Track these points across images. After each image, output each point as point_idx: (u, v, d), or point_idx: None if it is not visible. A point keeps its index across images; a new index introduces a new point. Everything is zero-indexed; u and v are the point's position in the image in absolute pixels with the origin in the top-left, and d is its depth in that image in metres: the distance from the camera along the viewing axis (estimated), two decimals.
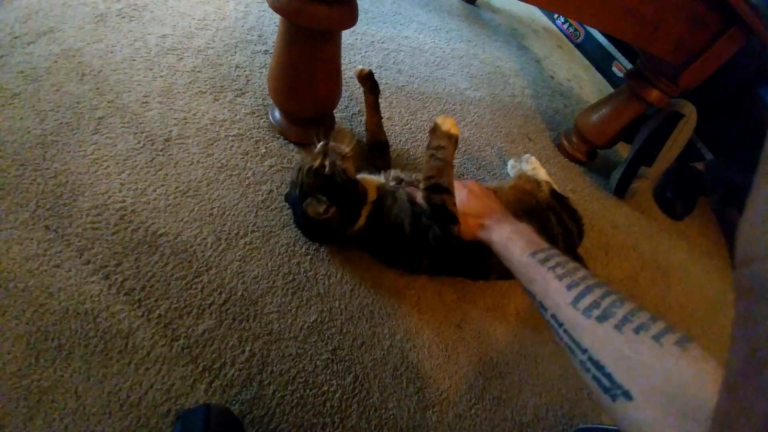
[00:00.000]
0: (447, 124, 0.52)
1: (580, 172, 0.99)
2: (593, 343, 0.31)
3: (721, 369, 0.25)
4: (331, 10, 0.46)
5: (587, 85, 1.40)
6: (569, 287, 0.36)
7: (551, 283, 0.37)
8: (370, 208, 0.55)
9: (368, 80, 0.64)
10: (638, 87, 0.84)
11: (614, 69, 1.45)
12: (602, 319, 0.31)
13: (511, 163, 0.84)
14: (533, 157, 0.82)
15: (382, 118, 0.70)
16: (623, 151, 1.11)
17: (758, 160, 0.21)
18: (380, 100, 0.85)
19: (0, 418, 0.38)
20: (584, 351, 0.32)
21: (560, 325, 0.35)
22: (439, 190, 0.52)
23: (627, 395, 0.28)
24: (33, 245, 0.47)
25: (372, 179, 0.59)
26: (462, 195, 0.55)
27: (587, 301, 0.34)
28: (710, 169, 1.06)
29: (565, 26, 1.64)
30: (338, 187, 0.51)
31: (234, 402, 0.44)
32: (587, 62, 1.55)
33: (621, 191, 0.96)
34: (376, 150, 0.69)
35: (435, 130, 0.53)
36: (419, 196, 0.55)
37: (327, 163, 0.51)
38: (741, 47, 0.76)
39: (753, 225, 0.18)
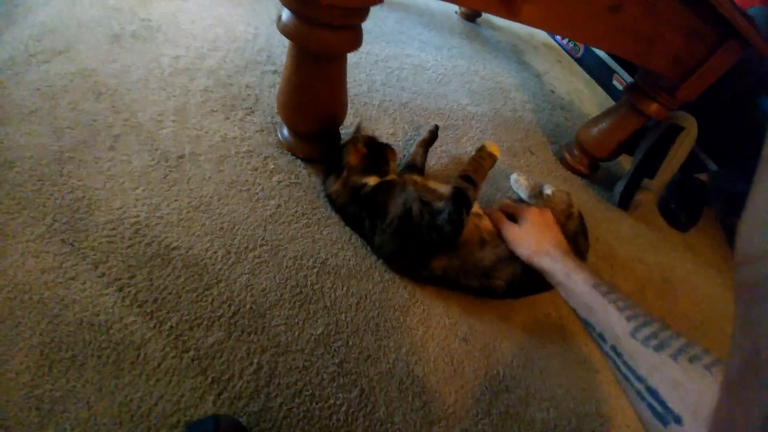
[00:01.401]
0: (491, 147, 0.68)
1: (583, 185, 1.00)
2: (650, 370, 0.34)
3: None
4: (337, 35, 0.48)
5: (588, 98, 1.42)
6: (629, 319, 0.38)
7: (612, 314, 0.40)
8: (379, 180, 0.62)
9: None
10: (637, 101, 0.86)
11: (614, 83, 1.48)
12: (659, 348, 0.34)
13: (514, 177, 0.85)
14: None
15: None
16: (626, 163, 1.12)
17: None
18: (384, 116, 0.88)
19: (12, 427, 0.39)
20: (640, 379, 0.34)
21: (619, 355, 0.37)
22: (468, 180, 0.62)
23: (678, 420, 0.30)
24: (49, 258, 0.49)
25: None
26: (537, 217, 0.59)
27: (646, 332, 0.36)
28: (714, 180, 1.06)
29: (565, 42, 1.68)
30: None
31: (242, 414, 0.44)
32: (587, 76, 1.57)
33: (625, 203, 0.96)
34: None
35: (482, 149, 0.68)
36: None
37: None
38: (739, 59, 0.77)
39: (752, 226, 0.19)
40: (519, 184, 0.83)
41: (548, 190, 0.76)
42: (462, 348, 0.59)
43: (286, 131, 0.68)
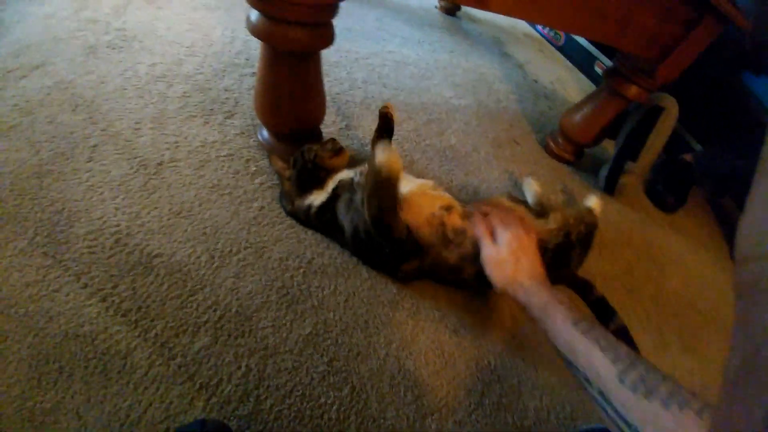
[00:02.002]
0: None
1: (569, 172, 1.01)
2: (642, 420, 0.33)
3: None
4: (307, 33, 0.48)
5: (571, 86, 1.43)
6: (614, 362, 0.37)
7: (595, 355, 0.38)
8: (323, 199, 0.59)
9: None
10: (617, 84, 0.86)
11: (596, 69, 1.49)
12: (649, 395, 0.33)
13: (528, 181, 0.80)
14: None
15: None
16: (610, 148, 1.13)
17: (747, 147, 0.21)
18: (367, 113, 0.88)
19: None
20: (631, 426, 0.33)
21: (608, 402, 0.36)
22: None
23: None
24: (32, 272, 0.49)
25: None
26: (514, 242, 0.53)
27: (633, 376, 0.35)
28: (700, 159, 1.06)
29: (546, 31, 1.69)
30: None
31: (232, 418, 0.44)
32: (570, 64, 1.58)
33: (610, 187, 0.97)
34: None
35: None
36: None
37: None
38: (718, 36, 0.77)
39: (752, 225, 0.19)
40: (530, 188, 0.78)
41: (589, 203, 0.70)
42: (452, 340, 0.60)
43: (266, 133, 0.68)
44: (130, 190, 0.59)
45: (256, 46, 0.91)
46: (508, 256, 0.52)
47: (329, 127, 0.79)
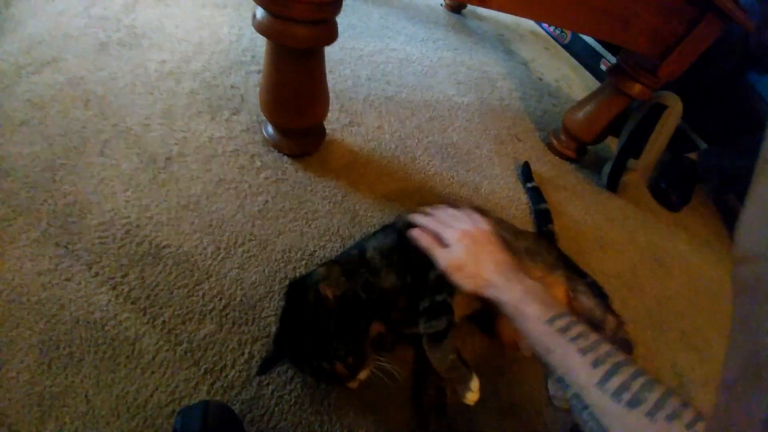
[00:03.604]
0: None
1: (572, 169, 1.01)
2: (623, 431, 0.30)
3: None
4: (311, 30, 0.49)
5: (576, 84, 1.42)
6: (594, 364, 0.33)
7: (573, 358, 0.34)
8: None
9: None
10: (620, 82, 0.86)
11: (602, 67, 1.48)
12: (633, 404, 0.30)
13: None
14: None
15: None
16: (613, 145, 1.12)
17: (751, 146, 0.21)
18: (370, 110, 0.89)
19: (14, 423, 0.41)
20: None
21: (585, 407, 0.33)
22: None
23: None
24: (45, 261, 0.51)
25: None
26: (464, 239, 0.48)
27: (616, 382, 0.31)
28: (704, 158, 1.06)
29: (552, 29, 1.68)
30: None
31: (234, 402, 0.46)
32: (575, 62, 1.57)
33: (613, 185, 0.97)
34: None
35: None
36: None
37: None
38: (721, 34, 0.77)
39: (752, 223, 0.18)
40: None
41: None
42: None
43: (270, 129, 0.69)
44: (139, 183, 0.60)
45: (262, 43, 0.92)
46: (464, 255, 0.47)
47: (332, 124, 0.80)
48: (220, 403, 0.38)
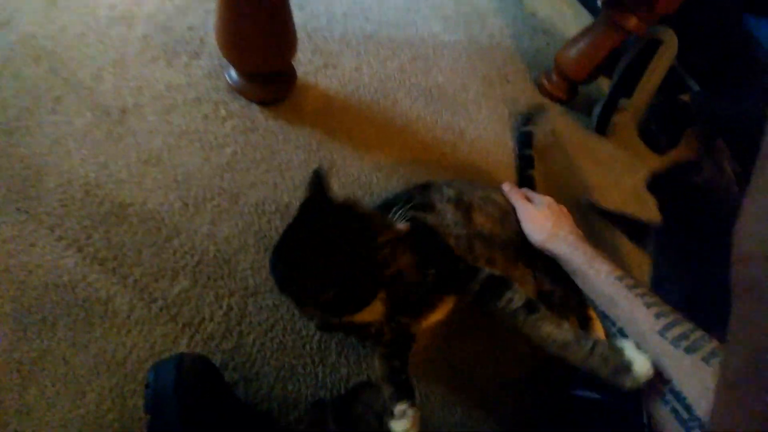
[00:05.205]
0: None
1: (562, 111, 0.96)
2: (679, 373, 0.32)
3: None
4: None
5: (572, 21, 1.32)
6: (658, 316, 0.36)
7: (639, 309, 0.37)
8: None
9: None
10: (616, 15, 0.80)
11: (598, 3, 1.36)
12: (691, 350, 0.32)
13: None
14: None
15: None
16: (606, 87, 1.07)
17: (746, 93, 0.20)
18: (347, 50, 0.81)
19: None
20: (666, 382, 0.32)
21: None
22: None
23: (703, 427, 0.28)
24: (8, 228, 0.48)
25: None
26: (553, 205, 0.55)
27: (676, 331, 0.34)
28: (697, 100, 1.02)
29: None
30: None
31: (216, 352, 0.46)
32: None
33: (602, 126, 0.94)
34: None
35: None
36: None
37: None
38: None
39: (751, 225, 0.18)
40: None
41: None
42: None
43: (234, 73, 0.63)
44: (95, 140, 0.56)
45: None
46: (548, 212, 0.52)
47: (305, 66, 0.73)
48: (195, 355, 0.38)
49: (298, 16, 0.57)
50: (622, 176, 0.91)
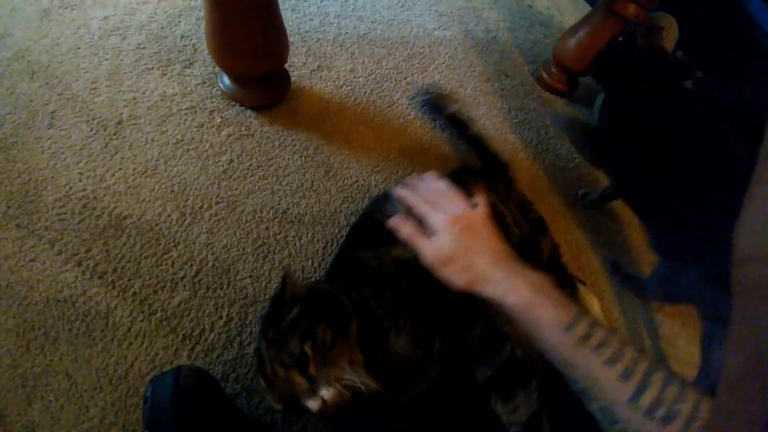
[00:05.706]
0: None
1: (562, 105, 0.95)
2: None
3: None
4: None
5: (569, 11, 1.30)
6: (624, 377, 0.30)
7: (600, 371, 0.31)
8: None
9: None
10: (614, 2, 0.78)
11: None
12: (668, 421, 0.29)
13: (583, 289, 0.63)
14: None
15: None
16: None
17: (749, 76, 0.20)
18: (341, 51, 0.81)
19: (2, 408, 0.41)
20: None
21: (615, 422, 0.31)
22: None
23: None
24: (9, 244, 0.49)
25: None
26: (452, 226, 0.40)
27: (648, 397, 0.29)
28: (699, 86, 1.00)
29: None
30: None
31: (217, 363, 0.46)
32: None
33: (604, 119, 0.91)
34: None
35: None
36: None
37: None
38: None
39: (751, 225, 0.18)
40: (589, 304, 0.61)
41: None
42: None
43: (227, 79, 0.63)
44: (92, 153, 0.56)
45: None
46: (453, 245, 0.39)
47: (299, 69, 0.73)
48: (193, 368, 0.37)
49: (290, 19, 0.56)
50: None
